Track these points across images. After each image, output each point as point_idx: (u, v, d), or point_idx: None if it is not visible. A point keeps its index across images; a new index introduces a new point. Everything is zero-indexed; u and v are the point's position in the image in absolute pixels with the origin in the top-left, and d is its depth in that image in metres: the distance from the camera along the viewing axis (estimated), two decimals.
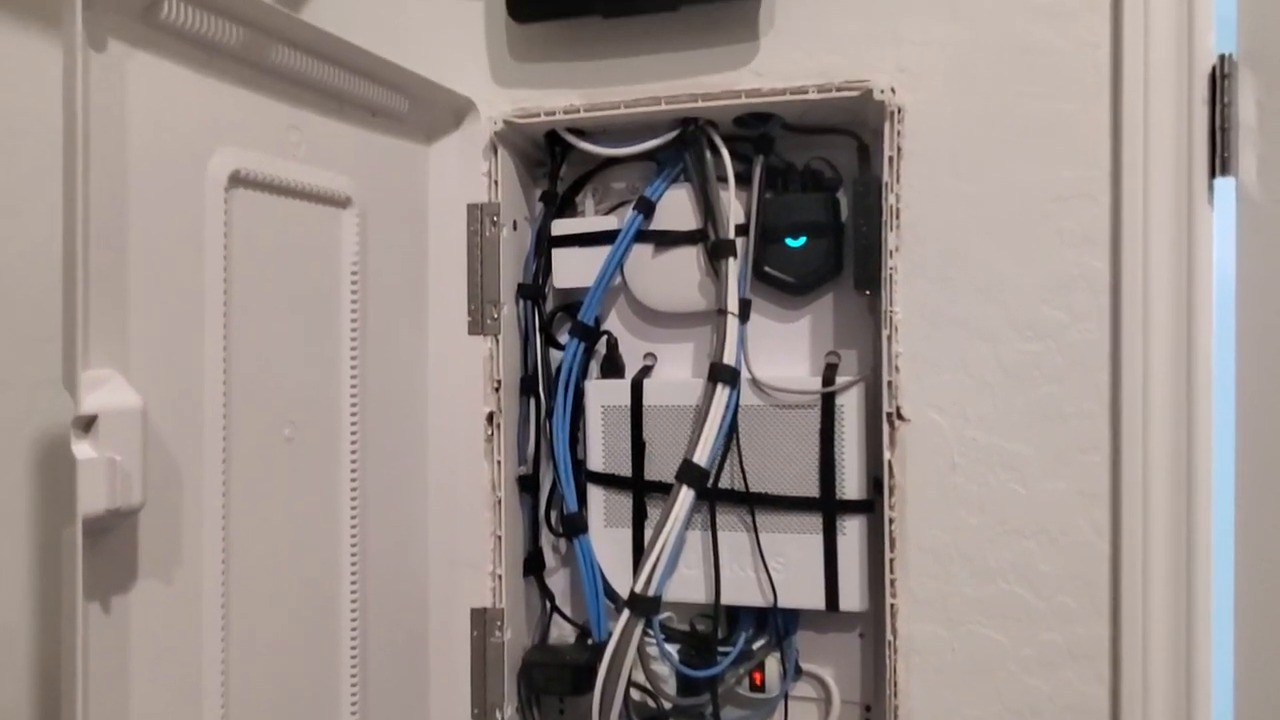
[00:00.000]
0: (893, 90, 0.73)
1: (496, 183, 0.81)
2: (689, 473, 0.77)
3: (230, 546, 0.61)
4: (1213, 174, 0.67)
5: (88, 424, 0.50)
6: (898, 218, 0.73)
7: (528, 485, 0.85)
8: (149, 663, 0.55)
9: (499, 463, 0.81)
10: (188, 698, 0.58)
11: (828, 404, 0.77)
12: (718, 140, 0.80)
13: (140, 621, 0.55)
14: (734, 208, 0.80)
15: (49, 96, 0.68)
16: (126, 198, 0.54)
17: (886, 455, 0.73)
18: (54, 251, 0.68)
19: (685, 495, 0.78)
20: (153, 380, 0.55)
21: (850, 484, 0.77)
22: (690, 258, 0.82)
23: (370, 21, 0.85)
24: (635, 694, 0.81)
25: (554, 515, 0.86)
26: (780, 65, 0.77)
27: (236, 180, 0.61)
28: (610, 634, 0.78)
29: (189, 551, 0.58)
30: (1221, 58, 0.67)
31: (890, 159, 0.73)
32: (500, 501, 0.81)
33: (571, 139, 0.83)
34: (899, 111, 0.73)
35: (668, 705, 0.81)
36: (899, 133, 0.73)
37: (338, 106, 0.71)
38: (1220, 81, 0.67)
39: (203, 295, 0.59)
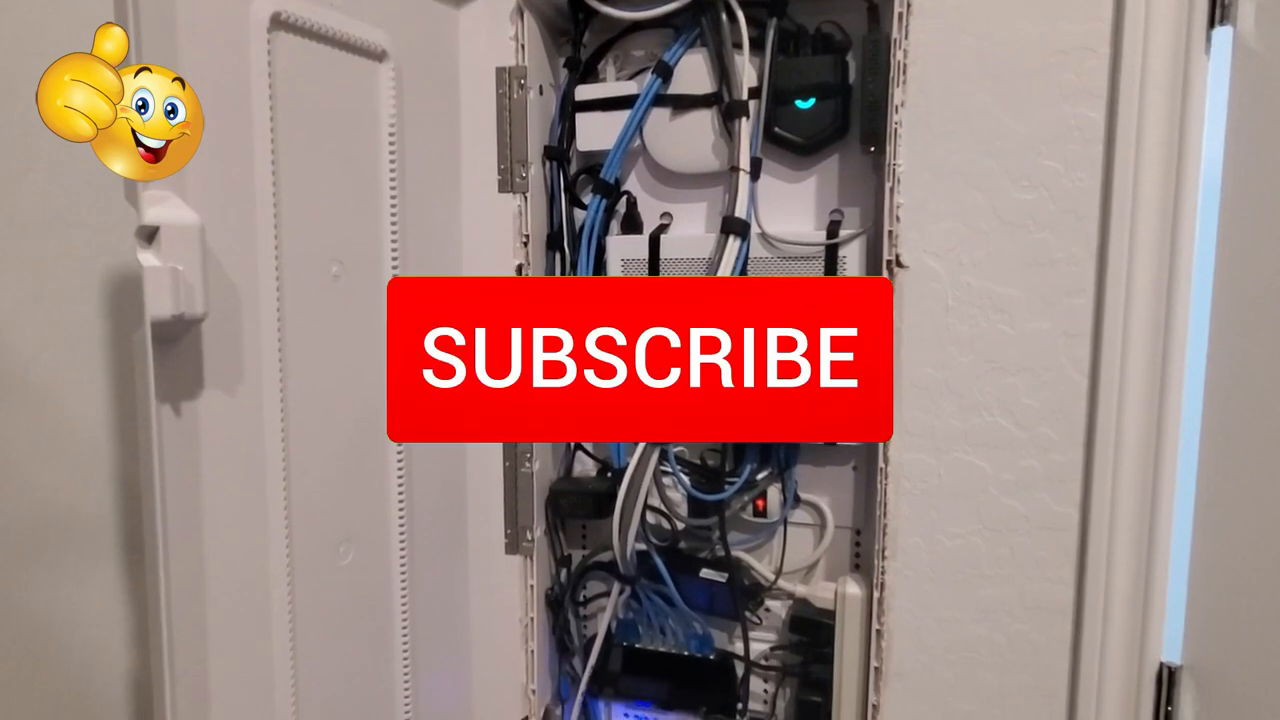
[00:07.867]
0: None
1: (523, 46, 0.78)
2: None
3: (286, 367, 0.61)
4: (1211, 24, 0.64)
5: (150, 235, 0.50)
6: (904, 74, 0.70)
7: None
8: (218, 462, 0.56)
9: None
10: (254, 496, 0.60)
11: (831, 256, 0.76)
12: (733, 4, 0.76)
13: (208, 425, 0.55)
14: (747, 71, 0.76)
15: None
16: (175, 36, 0.52)
17: None
18: None
19: None
20: (207, 206, 0.54)
21: None
22: (705, 120, 0.79)
23: None
24: (651, 518, 0.83)
25: None
26: None
27: (278, 23, 0.59)
28: (629, 463, 0.79)
29: (250, 366, 0.58)
30: None
31: (900, 15, 0.69)
32: None
33: (594, 3, 0.79)
34: None
35: (680, 526, 0.83)
36: None
37: None
38: None
39: (251, 130, 0.58)
